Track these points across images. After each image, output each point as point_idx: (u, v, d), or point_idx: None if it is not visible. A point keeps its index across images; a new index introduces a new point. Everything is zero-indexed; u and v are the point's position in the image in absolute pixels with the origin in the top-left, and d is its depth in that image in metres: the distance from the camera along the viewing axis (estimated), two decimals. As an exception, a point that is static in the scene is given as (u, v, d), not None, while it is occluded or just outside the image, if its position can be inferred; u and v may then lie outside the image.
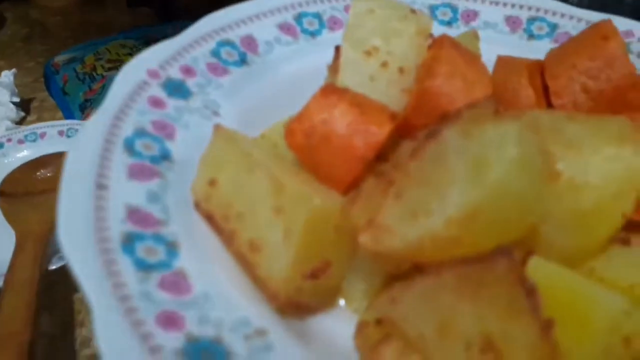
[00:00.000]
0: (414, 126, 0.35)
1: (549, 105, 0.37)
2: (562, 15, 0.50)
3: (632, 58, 0.47)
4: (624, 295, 0.26)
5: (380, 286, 0.31)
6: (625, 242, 0.30)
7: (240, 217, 0.30)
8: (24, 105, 0.72)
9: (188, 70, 0.42)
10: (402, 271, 0.29)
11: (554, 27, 0.50)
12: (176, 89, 0.41)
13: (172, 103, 0.39)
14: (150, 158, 0.35)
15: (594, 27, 0.36)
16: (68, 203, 0.29)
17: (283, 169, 0.31)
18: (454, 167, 0.26)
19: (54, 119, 0.69)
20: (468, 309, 0.24)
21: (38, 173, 0.56)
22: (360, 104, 0.33)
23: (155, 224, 0.31)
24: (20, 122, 0.70)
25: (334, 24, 0.50)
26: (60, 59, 0.76)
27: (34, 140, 0.62)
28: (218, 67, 0.44)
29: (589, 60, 0.35)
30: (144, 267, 0.28)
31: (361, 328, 0.30)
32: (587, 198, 0.29)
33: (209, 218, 0.32)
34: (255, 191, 0.29)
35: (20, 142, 0.62)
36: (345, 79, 0.36)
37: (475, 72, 0.35)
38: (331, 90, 0.34)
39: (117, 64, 0.73)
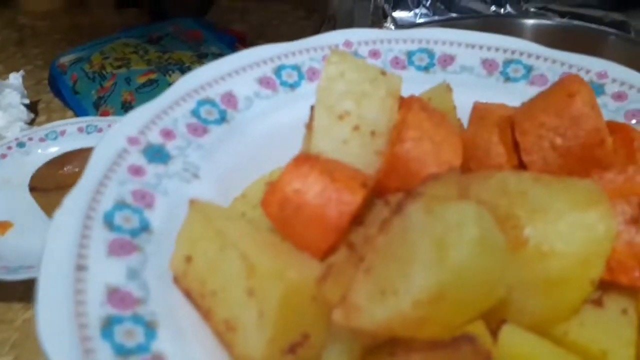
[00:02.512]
0: (387, 188, 0.36)
1: (520, 160, 0.37)
2: (537, 57, 0.51)
3: (607, 99, 0.47)
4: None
5: (359, 354, 0.32)
6: (598, 304, 0.31)
7: (214, 296, 0.30)
8: (31, 107, 0.74)
9: (168, 134, 0.43)
10: (379, 342, 0.30)
11: (529, 69, 0.51)
12: (156, 154, 0.41)
13: (151, 170, 0.40)
14: (130, 232, 0.35)
15: (560, 84, 0.37)
16: (47, 288, 0.30)
17: (257, 245, 0.32)
18: (418, 246, 0.26)
19: (63, 118, 0.72)
20: (436, 391, 0.25)
21: (65, 168, 0.61)
22: (331, 171, 0.34)
23: (134, 304, 0.31)
24: (30, 123, 0.72)
25: (313, 74, 0.51)
26: (65, 59, 0.79)
27: (55, 138, 0.65)
28: (198, 127, 0.45)
29: (556, 117, 0.35)
30: (122, 352, 0.28)
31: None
32: (554, 266, 0.29)
33: (187, 294, 0.32)
34: (227, 271, 0.30)
35: (41, 140, 0.65)
36: (318, 144, 0.37)
37: (443, 133, 0.36)
38: (303, 160, 0.34)
39: (124, 62, 0.77)
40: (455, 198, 0.29)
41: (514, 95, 0.49)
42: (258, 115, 0.48)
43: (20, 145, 0.64)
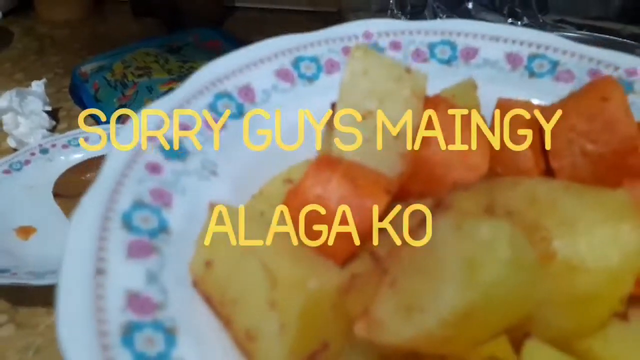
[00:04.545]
0: (410, 191, 0.35)
1: (548, 165, 0.36)
2: (564, 52, 0.49)
3: (636, 98, 0.46)
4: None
5: (378, 361, 0.32)
6: (623, 318, 0.30)
7: (235, 304, 0.30)
8: (52, 115, 0.75)
9: (185, 129, 0.42)
10: (399, 353, 0.29)
11: (555, 64, 0.49)
12: (173, 150, 0.41)
13: (169, 166, 0.39)
14: (149, 233, 0.35)
15: (593, 86, 0.36)
16: (67, 293, 0.30)
17: (277, 250, 0.31)
18: (446, 263, 0.26)
19: (84, 126, 0.74)
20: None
21: (88, 175, 0.61)
22: (354, 176, 0.33)
23: (154, 309, 0.31)
24: (52, 130, 0.73)
25: (332, 66, 0.50)
26: (86, 68, 0.80)
27: (77, 145, 0.66)
28: (215, 121, 0.44)
29: (587, 122, 0.34)
30: (143, 360, 0.28)
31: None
32: (582, 281, 0.28)
33: (207, 299, 0.32)
34: (248, 279, 0.29)
35: (64, 146, 0.66)
36: (340, 145, 0.36)
37: (470, 135, 0.35)
38: (325, 163, 0.34)
39: (146, 71, 0.78)
40: (485, 211, 0.28)
41: (539, 91, 0.48)
42: (275, 109, 0.47)
43: (44, 151, 0.65)
